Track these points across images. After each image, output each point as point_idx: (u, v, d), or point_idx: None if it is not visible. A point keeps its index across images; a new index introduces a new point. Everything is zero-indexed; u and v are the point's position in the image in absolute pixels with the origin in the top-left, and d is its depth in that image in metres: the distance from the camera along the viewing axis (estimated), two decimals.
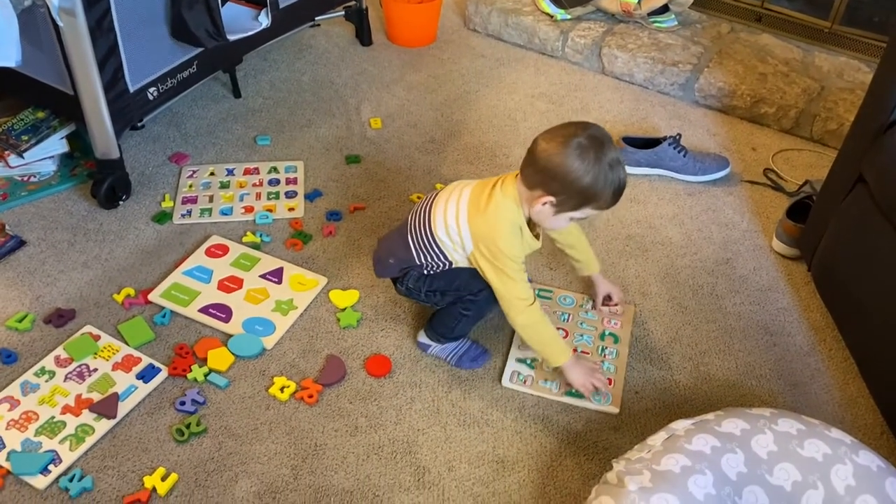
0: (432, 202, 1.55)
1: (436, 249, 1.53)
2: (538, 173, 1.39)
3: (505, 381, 1.61)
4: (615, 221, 2.03)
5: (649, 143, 2.18)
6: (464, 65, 2.62)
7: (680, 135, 2.17)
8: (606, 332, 1.73)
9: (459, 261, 1.53)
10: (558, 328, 1.73)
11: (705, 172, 2.16)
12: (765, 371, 1.69)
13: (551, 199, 1.40)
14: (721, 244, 2.00)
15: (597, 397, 1.58)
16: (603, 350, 1.69)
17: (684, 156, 2.15)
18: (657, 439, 1.36)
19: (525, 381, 1.61)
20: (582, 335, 1.72)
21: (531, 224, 1.49)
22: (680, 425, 1.38)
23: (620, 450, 1.47)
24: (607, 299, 1.77)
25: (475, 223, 1.47)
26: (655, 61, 2.51)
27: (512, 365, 1.64)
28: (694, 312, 1.82)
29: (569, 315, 1.77)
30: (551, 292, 1.82)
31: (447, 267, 1.54)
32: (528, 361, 1.65)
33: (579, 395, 1.58)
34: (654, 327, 1.77)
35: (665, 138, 2.16)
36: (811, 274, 1.86)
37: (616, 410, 1.58)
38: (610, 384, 1.62)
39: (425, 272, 1.56)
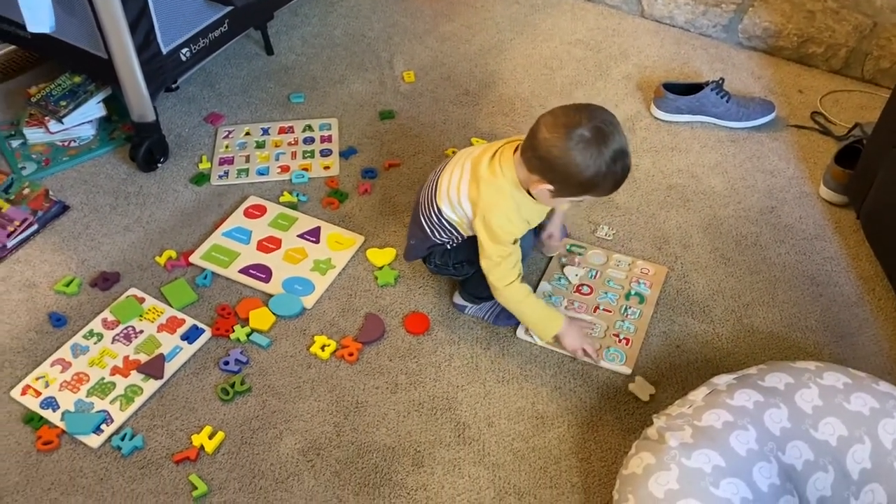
0: (438, 178, 1.52)
1: (446, 226, 1.52)
2: (537, 160, 1.34)
3: (520, 333, 1.61)
4: (655, 172, 1.99)
5: (691, 88, 2.11)
6: (497, 12, 2.56)
7: (723, 79, 2.10)
8: (633, 292, 1.70)
9: (470, 234, 1.51)
10: (583, 284, 1.71)
11: (749, 118, 2.09)
12: (810, 323, 1.66)
13: (549, 187, 1.36)
14: (766, 192, 1.94)
15: (608, 356, 1.57)
16: (626, 310, 1.66)
17: (727, 101, 2.08)
18: (698, 395, 1.35)
19: (536, 337, 1.60)
20: (606, 293, 1.70)
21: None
22: (722, 380, 1.37)
23: (661, 405, 1.47)
24: (548, 237, 1.72)
25: (473, 196, 1.44)
26: (697, 2, 2.41)
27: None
28: (737, 264, 1.78)
29: (597, 272, 1.74)
30: (583, 248, 1.79)
31: (464, 240, 1.53)
32: None
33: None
34: (696, 279, 1.74)
35: (707, 83, 2.08)
36: (860, 221, 1.80)
37: (629, 371, 1.56)
38: (628, 344, 1.59)
39: (447, 247, 1.55)
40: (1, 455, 1.43)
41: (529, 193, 1.41)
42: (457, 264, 1.56)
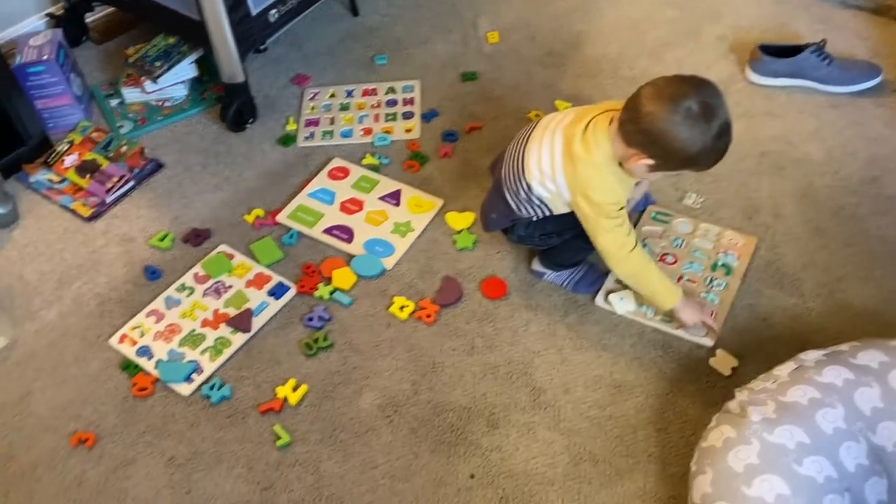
0: (523, 152, 1.47)
1: (536, 202, 1.48)
2: (639, 133, 1.29)
3: (598, 300, 1.59)
4: (748, 138, 1.91)
5: (789, 50, 2.01)
6: None
7: (825, 41, 1.98)
8: (720, 263, 1.64)
9: (561, 209, 1.47)
10: (668, 254, 1.67)
11: (852, 82, 1.98)
12: None
13: (649, 161, 1.31)
14: (867, 161, 1.84)
15: (692, 328, 1.53)
16: (711, 281, 1.61)
17: (829, 64, 1.97)
18: (784, 370, 1.31)
19: (616, 306, 1.58)
20: (692, 263, 1.65)
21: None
22: (810, 356, 1.32)
23: (744, 379, 1.43)
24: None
25: (569, 175, 1.40)
26: None
27: (610, 284, 1.61)
28: (832, 235, 1.70)
29: (683, 241, 1.70)
30: (669, 216, 1.75)
31: (551, 212, 1.49)
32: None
33: (669, 320, 1.54)
34: (787, 251, 1.68)
35: (807, 45, 1.98)
36: None
37: (710, 343, 1.52)
38: (712, 316, 1.54)
39: (533, 220, 1.52)
40: (101, 399, 1.52)
41: (621, 166, 1.37)
42: (543, 235, 1.53)
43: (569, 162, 1.39)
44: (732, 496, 1.16)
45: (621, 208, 1.40)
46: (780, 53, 2.01)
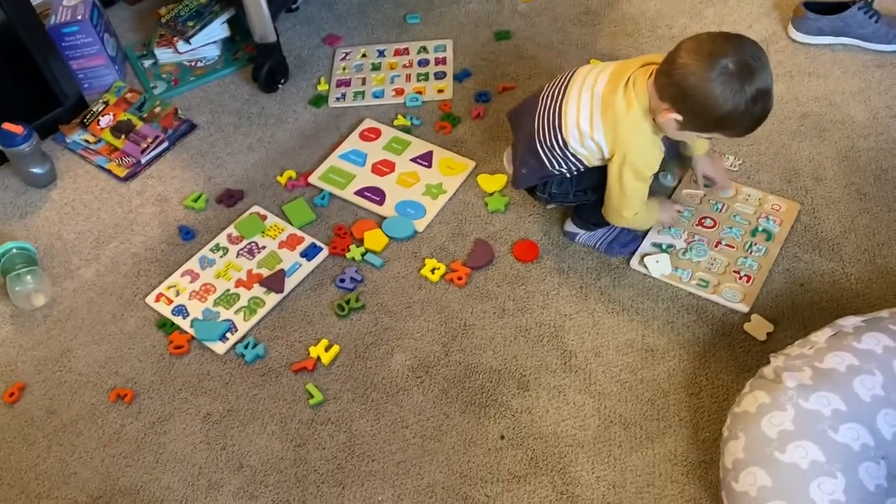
0: (560, 107, 1.43)
1: (571, 158, 1.45)
2: (672, 86, 1.26)
3: (633, 263, 1.57)
4: (789, 98, 1.86)
5: (834, 7, 1.94)
6: None
7: None
8: (760, 229, 1.61)
9: (596, 163, 1.45)
10: (706, 217, 1.65)
11: None
12: None
13: (677, 116, 1.28)
14: None
15: (727, 293, 1.51)
16: (750, 246, 1.59)
17: (876, 21, 1.89)
18: (821, 336, 1.29)
19: (652, 269, 1.56)
20: (731, 228, 1.62)
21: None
22: (849, 322, 1.30)
23: (780, 344, 1.41)
24: (708, 181, 1.64)
25: (609, 134, 1.37)
26: None
27: (646, 248, 1.59)
28: (874, 199, 1.65)
29: (723, 206, 1.66)
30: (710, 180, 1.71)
31: (586, 168, 1.47)
32: (665, 247, 1.59)
33: (705, 285, 1.53)
34: (827, 215, 1.64)
35: (854, 2, 1.90)
36: None
37: (746, 309, 1.50)
38: (748, 281, 1.53)
39: (567, 176, 1.49)
40: (138, 356, 1.55)
41: (654, 123, 1.35)
42: (578, 192, 1.51)
43: (609, 120, 1.37)
44: (765, 462, 1.15)
45: (648, 180, 1.40)
46: (825, 10, 1.94)
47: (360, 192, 1.78)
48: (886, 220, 1.62)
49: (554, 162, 1.47)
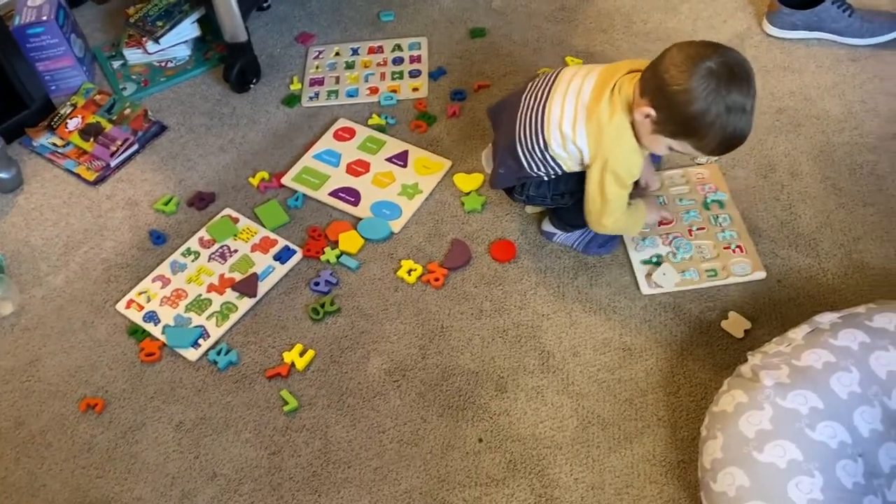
0: (543, 108, 1.41)
1: (551, 162, 1.43)
2: (654, 79, 1.26)
3: (645, 290, 1.54)
4: (765, 94, 1.85)
5: (809, 2, 1.93)
6: None
7: None
8: (709, 200, 1.64)
9: (574, 169, 1.43)
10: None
11: (874, 34, 1.91)
12: None
13: (652, 112, 1.27)
14: (888, 117, 1.78)
15: (737, 268, 1.52)
16: (716, 220, 1.61)
17: (850, 15, 1.89)
18: (799, 333, 1.28)
19: (663, 283, 1.53)
20: (688, 212, 1.63)
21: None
22: (825, 318, 1.29)
23: (758, 342, 1.41)
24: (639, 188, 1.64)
25: (592, 140, 1.36)
26: None
27: (641, 269, 1.56)
28: (850, 194, 1.65)
29: (663, 197, 1.67)
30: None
31: (564, 172, 1.45)
32: (655, 260, 1.57)
33: (715, 273, 1.53)
34: (803, 210, 1.63)
35: None
36: None
37: (763, 275, 1.52)
38: (743, 252, 1.55)
39: (545, 179, 1.48)
40: (109, 364, 1.52)
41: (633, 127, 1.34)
42: (556, 195, 1.49)
43: (594, 127, 1.35)
44: (743, 461, 1.15)
45: (628, 188, 1.39)
46: (799, 5, 1.93)
47: (334, 193, 1.75)
48: (861, 214, 1.62)
49: (532, 164, 1.45)
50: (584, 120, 1.36)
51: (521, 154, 1.45)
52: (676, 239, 1.59)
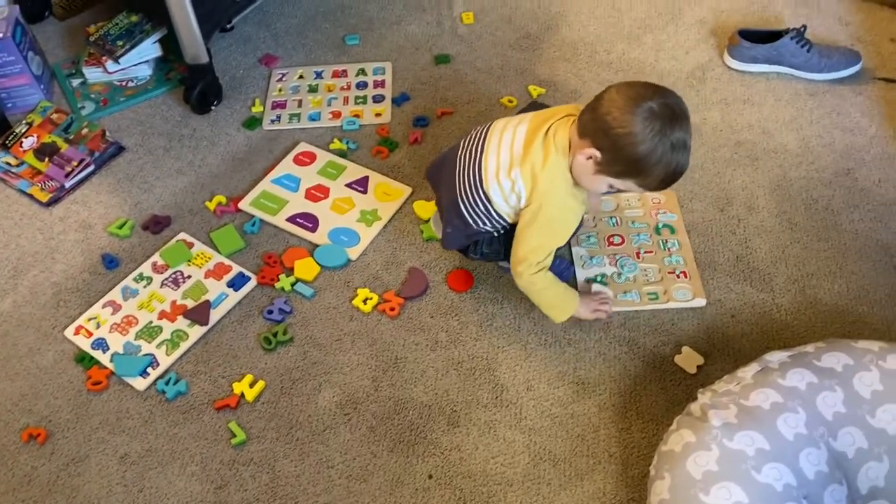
0: (479, 163, 1.40)
1: (495, 216, 1.42)
2: (594, 121, 1.25)
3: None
4: (724, 126, 1.87)
5: (768, 36, 1.96)
6: None
7: (805, 27, 1.94)
8: (660, 225, 1.66)
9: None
10: (613, 235, 1.65)
11: (832, 69, 1.94)
12: (880, 296, 1.55)
13: (596, 153, 1.26)
14: (843, 152, 1.81)
15: (679, 294, 1.53)
16: (665, 244, 1.63)
17: (808, 51, 1.92)
18: (748, 371, 1.29)
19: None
20: (639, 234, 1.65)
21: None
22: (775, 357, 1.30)
23: (710, 377, 1.41)
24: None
25: (528, 184, 1.34)
26: None
27: (585, 288, 1.57)
28: (804, 229, 1.67)
29: (616, 218, 1.68)
30: None
31: (511, 226, 1.43)
32: (599, 279, 1.58)
33: (656, 297, 1.54)
34: (759, 245, 1.65)
35: (787, 31, 1.93)
36: None
37: (703, 302, 1.53)
38: (687, 277, 1.56)
39: (495, 234, 1.46)
40: (54, 392, 1.48)
41: (571, 172, 1.33)
42: (510, 250, 1.44)
43: (527, 171, 1.34)
44: (690, 503, 1.14)
45: (569, 233, 1.40)
46: (759, 39, 1.96)
47: (292, 219, 1.73)
48: (816, 249, 1.63)
49: (478, 220, 1.44)
50: (518, 167, 1.35)
51: (464, 211, 1.44)
52: (624, 258, 1.60)
